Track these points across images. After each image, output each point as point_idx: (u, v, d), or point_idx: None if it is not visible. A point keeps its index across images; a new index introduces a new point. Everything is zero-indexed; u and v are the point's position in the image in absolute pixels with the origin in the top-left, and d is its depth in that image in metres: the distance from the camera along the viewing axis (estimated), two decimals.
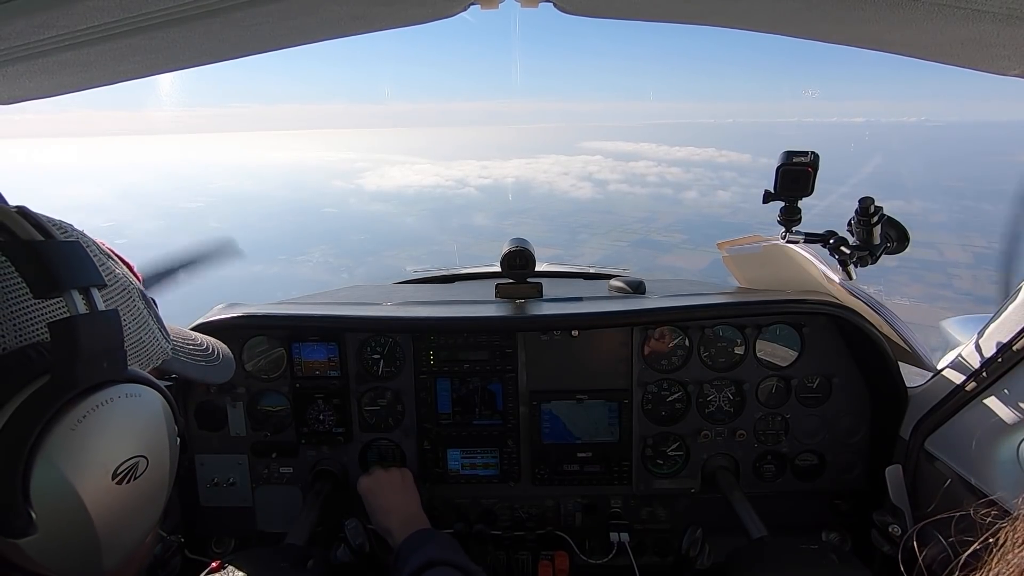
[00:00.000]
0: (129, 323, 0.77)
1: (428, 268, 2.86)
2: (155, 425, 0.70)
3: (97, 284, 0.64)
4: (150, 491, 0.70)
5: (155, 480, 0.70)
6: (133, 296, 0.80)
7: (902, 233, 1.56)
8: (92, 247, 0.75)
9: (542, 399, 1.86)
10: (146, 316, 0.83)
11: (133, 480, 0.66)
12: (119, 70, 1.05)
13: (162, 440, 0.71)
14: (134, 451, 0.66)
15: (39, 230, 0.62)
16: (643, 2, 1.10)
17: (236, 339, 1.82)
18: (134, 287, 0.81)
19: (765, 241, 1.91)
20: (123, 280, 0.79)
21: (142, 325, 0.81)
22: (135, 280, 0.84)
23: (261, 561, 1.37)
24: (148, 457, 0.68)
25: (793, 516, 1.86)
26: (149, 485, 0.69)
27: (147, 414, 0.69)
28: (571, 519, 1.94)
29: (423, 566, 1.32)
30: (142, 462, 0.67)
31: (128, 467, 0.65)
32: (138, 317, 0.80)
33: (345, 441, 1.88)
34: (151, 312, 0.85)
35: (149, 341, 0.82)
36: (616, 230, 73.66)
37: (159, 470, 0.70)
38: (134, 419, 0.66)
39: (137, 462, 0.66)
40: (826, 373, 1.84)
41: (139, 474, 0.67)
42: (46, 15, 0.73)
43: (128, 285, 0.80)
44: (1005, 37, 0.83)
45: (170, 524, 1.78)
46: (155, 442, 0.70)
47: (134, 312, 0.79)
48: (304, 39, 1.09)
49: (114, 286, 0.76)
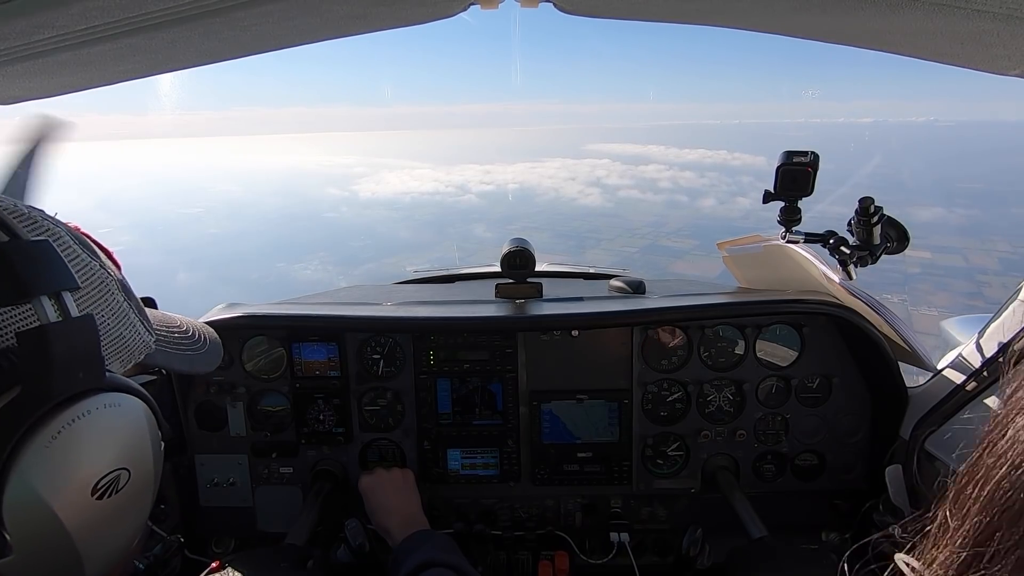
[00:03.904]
0: (108, 320, 0.73)
1: (428, 268, 2.86)
2: (137, 435, 0.67)
3: (69, 287, 0.60)
4: (133, 502, 0.67)
5: (138, 491, 0.67)
6: (111, 290, 0.75)
7: (902, 233, 1.56)
8: (64, 240, 0.70)
9: (542, 399, 1.86)
10: (126, 309, 0.77)
11: (114, 494, 0.63)
12: (119, 70, 1.05)
13: (144, 449, 0.68)
14: (114, 464, 0.63)
15: (4, 229, 0.58)
16: (643, 2, 1.10)
17: (236, 339, 1.82)
18: (112, 279, 0.76)
19: (765, 241, 1.91)
20: (100, 274, 0.74)
21: (122, 320, 0.76)
22: (114, 269, 0.79)
23: (261, 561, 1.38)
24: (130, 469, 0.65)
25: (793, 516, 1.86)
26: (131, 496, 0.66)
27: (128, 424, 0.65)
28: (571, 519, 1.93)
29: (420, 566, 1.32)
30: (124, 474, 0.64)
31: (108, 481, 0.62)
32: (117, 312, 0.75)
33: (345, 441, 1.88)
34: (131, 303, 0.79)
35: (130, 336, 0.77)
36: (624, 235, 73.13)
37: (142, 480, 0.67)
38: (114, 431, 0.63)
39: (118, 475, 0.63)
40: (826, 373, 1.84)
41: (120, 487, 0.63)
42: (46, 15, 0.73)
43: (105, 278, 0.75)
44: (1005, 37, 0.83)
45: (170, 524, 1.78)
46: (137, 453, 0.66)
47: (113, 307, 0.75)
48: (304, 39, 1.09)
49: (90, 282, 0.71)
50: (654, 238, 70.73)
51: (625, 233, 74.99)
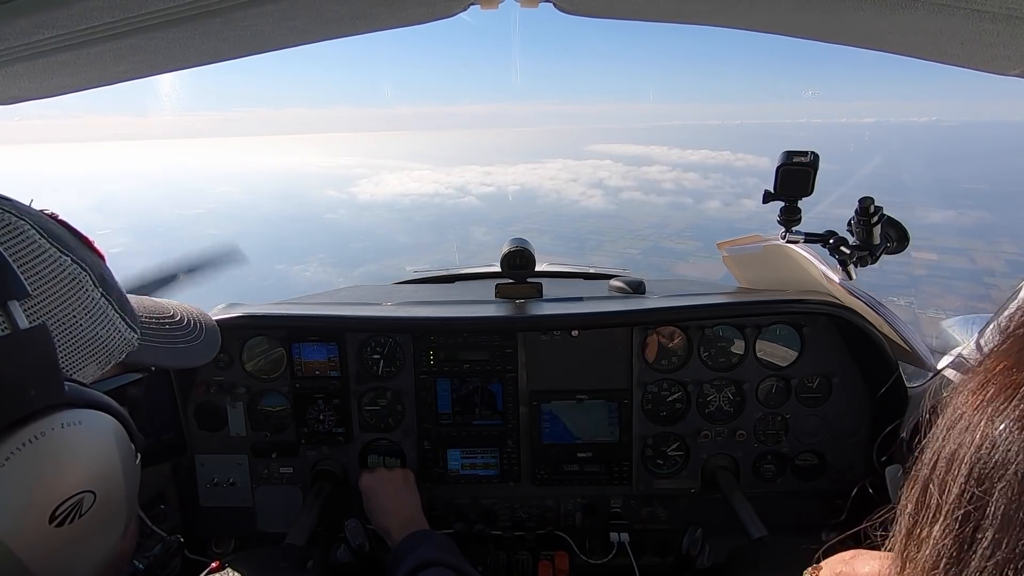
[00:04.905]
0: (79, 319, 0.67)
1: (428, 268, 2.86)
2: (103, 453, 0.60)
3: (16, 296, 0.55)
4: (100, 525, 0.61)
5: (106, 513, 0.61)
6: (84, 285, 0.68)
7: (902, 233, 1.56)
8: (23, 237, 0.63)
9: (542, 399, 1.86)
10: (103, 306, 0.71)
11: (77, 519, 0.57)
12: (119, 70, 1.05)
13: (113, 468, 0.62)
14: (76, 487, 0.57)
15: None
16: (643, 2, 1.10)
17: (236, 339, 1.82)
18: (86, 274, 0.69)
19: (765, 241, 1.91)
20: (71, 269, 0.67)
21: (97, 317, 0.69)
22: (95, 260, 0.73)
23: (261, 561, 1.38)
24: (95, 491, 0.59)
25: (793, 516, 1.85)
26: (99, 519, 0.60)
27: (92, 442, 0.59)
28: (571, 519, 1.93)
29: (419, 566, 1.32)
30: (88, 498, 0.58)
31: (70, 506, 0.57)
32: (92, 309, 0.69)
33: (345, 441, 1.88)
34: (110, 297, 0.73)
35: (107, 335, 0.71)
36: (626, 237, 72.86)
37: (110, 502, 0.61)
38: (74, 452, 0.57)
39: (81, 498, 0.57)
40: (826, 373, 1.83)
41: (85, 511, 0.58)
42: (46, 15, 0.73)
43: (77, 274, 0.68)
44: (1005, 37, 0.83)
45: (170, 524, 1.78)
46: (104, 472, 0.60)
47: (86, 304, 0.68)
48: (304, 39, 1.09)
49: (56, 280, 0.65)
50: (656, 240, 70.56)
51: (627, 235, 74.81)
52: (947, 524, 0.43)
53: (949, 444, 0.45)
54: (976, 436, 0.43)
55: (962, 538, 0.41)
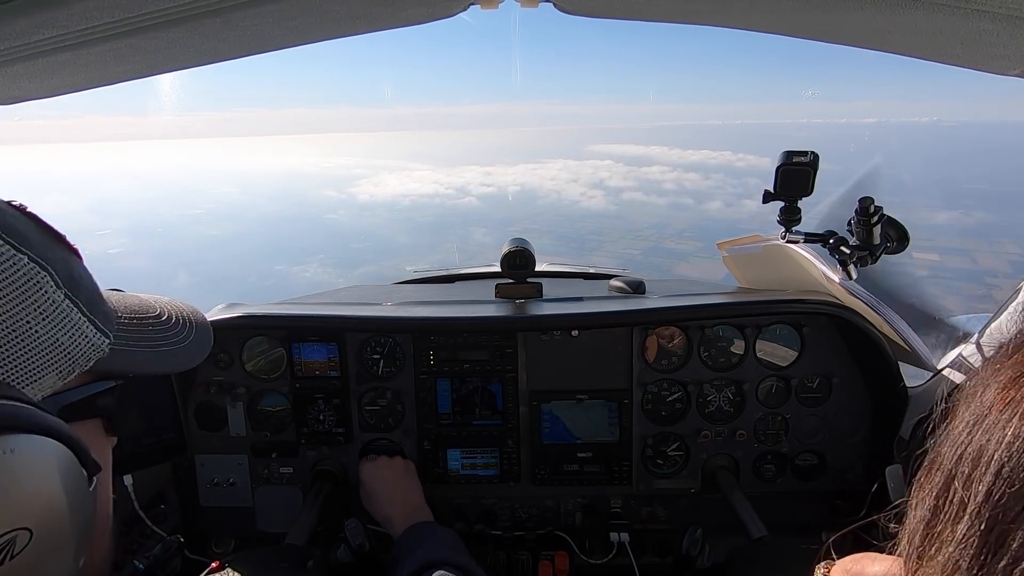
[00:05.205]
0: (34, 325, 0.60)
1: (428, 268, 2.86)
2: (42, 484, 0.54)
3: None
4: (40, 564, 0.54)
5: (46, 550, 0.54)
6: (43, 287, 0.61)
7: (902, 233, 1.56)
8: None
9: (542, 399, 1.86)
10: (66, 308, 0.64)
11: (9, 559, 0.51)
12: (119, 70, 1.05)
13: (55, 499, 0.55)
14: (7, 525, 0.50)
15: None
16: (643, 2, 1.11)
17: (236, 339, 1.82)
18: (46, 273, 0.62)
19: (765, 241, 1.91)
20: (26, 269, 0.60)
21: (58, 322, 0.62)
22: (58, 257, 0.65)
23: (261, 561, 1.37)
24: (32, 528, 0.52)
25: (793, 516, 1.85)
26: (37, 558, 0.53)
27: (27, 473, 0.52)
28: (571, 519, 1.93)
29: (423, 567, 1.30)
30: (22, 535, 0.51)
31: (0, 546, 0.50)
32: (51, 313, 0.62)
33: (345, 441, 1.88)
34: (77, 299, 0.65)
35: (69, 341, 0.64)
36: (627, 237, 72.71)
37: (52, 538, 0.55)
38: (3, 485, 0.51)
39: (14, 537, 0.51)
40: (826, 373, 1.84)
41: (18, 551, 0.51)
42: (46, 15, 0.73)
43: (34, 274, 0.60)
44: (1005, 37, 0.83)
45: (170, 524, 1.78)
46: (44, 505, 0.54)
47: (44, 307, 0.61)
48: (304, 39, 1.09)
49: (7, 283, 0.58)
50: (657, 240, 70.46)
51: (627, 235, 74.71)
52: (972, 524, 0.41)
53: (976, 440, 0.43)
54: (1007, 433, 0.41)
55: (988, 540, 0.40)
